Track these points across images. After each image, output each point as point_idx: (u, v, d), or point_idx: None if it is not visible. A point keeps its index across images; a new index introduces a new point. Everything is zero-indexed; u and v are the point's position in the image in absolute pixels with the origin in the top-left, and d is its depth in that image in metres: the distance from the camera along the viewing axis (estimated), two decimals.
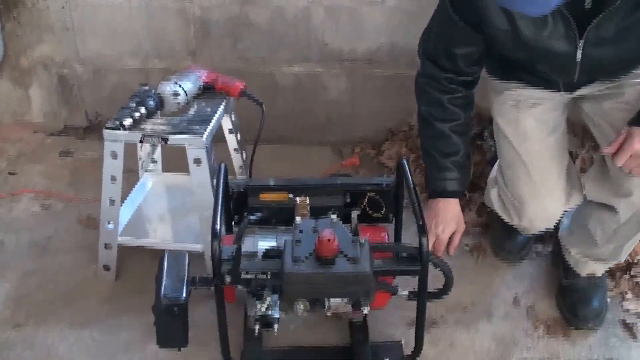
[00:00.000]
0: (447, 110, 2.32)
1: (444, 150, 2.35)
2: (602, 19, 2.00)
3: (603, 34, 2.04)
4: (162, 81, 2.58)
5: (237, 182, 2.46)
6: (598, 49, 2.08)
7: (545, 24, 2.05)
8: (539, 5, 1.81)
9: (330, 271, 1.99)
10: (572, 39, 2.07)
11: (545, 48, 2.11)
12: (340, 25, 3.36)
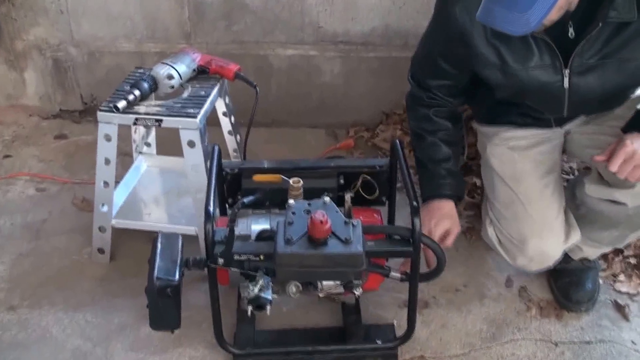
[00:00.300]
0: (434, 122, 2.42)
1: (435, 158, 2.42)
2: (584, 46, 2.06)
3: (587, 61, 2.10)
4: (156, 64, 2.59)
5: (231, 164, 2.47)
6: (584, 77, 2.13)
7: (531, 54, 2.12)
8: (519, 25, 1.84)
9: (323, 252, 1.99)
10: (558, 69, 2.13)
11: (533, 79, 2.16)
12: (335, 7, 3.36)
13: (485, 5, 1.89)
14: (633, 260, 2.68)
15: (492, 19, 1.89)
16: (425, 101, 2.42)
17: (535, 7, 1.80)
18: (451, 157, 2.42)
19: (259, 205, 2.38)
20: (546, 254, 2.38)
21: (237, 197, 2.44)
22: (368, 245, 2.08)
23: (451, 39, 2.22)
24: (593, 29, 2.03)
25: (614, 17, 2.00)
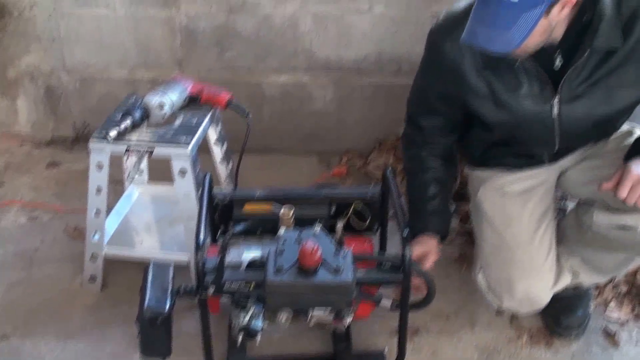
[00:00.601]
0: (425, 162, 2.50)
1: (423, 197, 2.50)
2: (572, 74, 2.14)
3: (575, 89, 2.18)
4: (148, 92, 2.66)
5: (222, 192, 2.53)
6: (573, 105, 2.21)
7: (521, 84, 2.20)
8: (501, 44, 1.95)
9: (313, 281, 2.05)
10: (547, 97, 2.21)
11: (523, 108, 2.24)
12: (328, 33, 3.44)
13: (469, 28, 1.99)
14: (624, 287, 2.74)
15: (475, 40, 1.99)
16: (418, 142, 2.50)
17: (517, 27, 1.90)
18: (437, 196, 2.49)
19: (251, 233, 2.43)
20: (535, 298, 2.45)
21: (228, 225, 2.49)
22: (359, 274, 2.14)
23: (443, 74, 2.30)
24: (580, 57, 2.10)
25: (600, 44, 2.08)
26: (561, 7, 1.95)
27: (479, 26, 1.97)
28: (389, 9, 3.35)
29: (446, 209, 2.53)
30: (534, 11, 1.90)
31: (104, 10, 3.47)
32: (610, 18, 2.05)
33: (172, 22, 3.46)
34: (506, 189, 2.50)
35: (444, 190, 2.53)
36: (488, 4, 1.93)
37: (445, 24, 2.27)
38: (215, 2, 3.39)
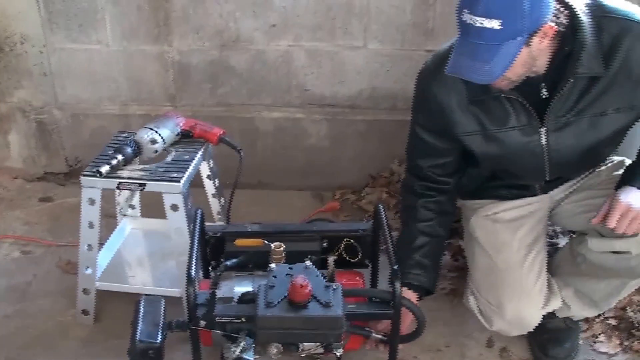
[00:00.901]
0: (419, 211, 2.58)
1: (409, 246, 2.57)
2: (557, 103, 2.27)
3: (562, 118, 2.30)
4: (140, 128, 2.76)
5: (214, 227, 2.62)
6: (560, 134, 2.32)
7: (508, 116, 2.33)
8: (483, 74, 2.09)
9: (303, 315, 2.14)
10: (534, 127, 2.33)
11: (512, 140, 2.36)
12: (322, 70, 3.54)
13: (453, 60, 2.12)
14: (613, 321, 2.82)
15: (459, 70, 2.13)
16: (416, 190, 2.59)
17: (498, 57, 2.04)
18: (424, 248, 2.56)
19: (243, 268, 2.51)
20: (524, 319, 2.53)
21: (220, 260, 2.56)
22: (348, 308, 2.22)
23: (432, 113, 2.42)
24: (563, 86, 2.23)
25: (582, 72, 2.20)
26: (541, 37, 2.08)
27: (461, 58, 2.11)
28: (383, 46, 3.45)
29: (433, 264, 2.59)
30: (514, 42, 2.04)
31: (95, 45, 3.56)
32: (590, 46, 2.18)
33: (165, 57, 3.55)
34: (498, 216, 2.60)
35: (433, 244, 2.59)
36: (469, 36, 2.06)
37: (432, 65, 2.41)
38: (208, 37, 3.48)
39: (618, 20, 2.21)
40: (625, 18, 2.21)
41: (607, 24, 2.20)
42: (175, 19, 3.45)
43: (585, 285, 2.57)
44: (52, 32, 3.54)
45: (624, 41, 2.19)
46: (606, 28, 2.20)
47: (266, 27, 3.45)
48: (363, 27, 3.42)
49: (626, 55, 2.20)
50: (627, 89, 2.25)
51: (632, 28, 2.20)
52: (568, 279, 2.60)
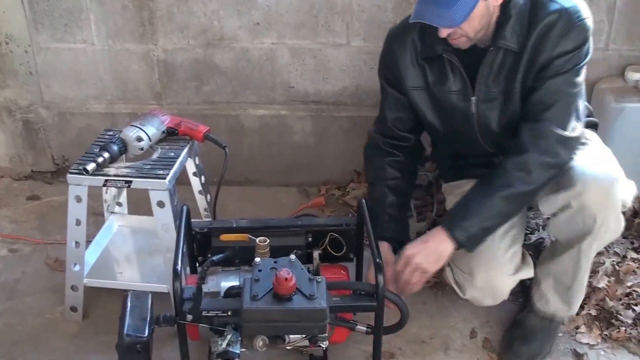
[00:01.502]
0: (385, 171, 2.74)
1: (381, 203, 2.69)
2: (482, 71, 2.46)
3: (490, 91, 2.48)
4: (126, 126, 2.80)
5: (200, 223, 2.65)
6: (487, 105, 2.51)
7: (447, 79, 2.52)
8: (446, 19, 2.27)
9: (287, 307, 2.18)
10: (467, 95, 2.51)
11: (449, 102, 2.53)
12: (306, 67, 3.59)
13: (417, 8, 2.30)
14: (594, 311, 2.87)
15: (422, 16, 2.29)
16: (381, 148, 2.74)
17: (458, 5, 2.23)
18: (395, 204, 2.69)
19: (229, 263, 2.55)
20: (495, 287, 2.60)
21: (207, 255, 2.60)
22: (332, 301, 2.26)
23: (390, 68, 2.63)
24: (487, 54, 2.41)
25: (502, 43, 2.38)
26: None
27: (425, 5, 2.28)
28: (366, 43, 3.50)
29: (403, 217, 2.72)
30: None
31: (81, 45, 3.59)
32: (515, 21, 2.35)
33: (150, 56, 3.58)
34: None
35: (401, 200, 2.72)
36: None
37: (395, 28, 2.67)
38: (192, 36, 3.52)
39: (552, 5, 2.35)
40: (558, 7, 2.35)
41: (540, 4, 2.36)
42: (160, 18, 3.49)
43: (556, 266, 2.62)
44: (38, 31, 3.57)
45: (545, 25, 2.34)
46: (538, 8, 2.36)
47: (250, 26, 3.49)
48: (346, 25, 3.47)
49: (541, 39, 2.35)
50: (532, 71, 2.40)
51: (558, 17, 2.34)
52: (547, 267, 2.67)
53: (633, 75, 3.38)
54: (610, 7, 3.36)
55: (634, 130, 3.31)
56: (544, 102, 2.40)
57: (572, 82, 2.40)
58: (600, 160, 2.53)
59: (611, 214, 2.42)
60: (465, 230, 2.42)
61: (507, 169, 2.42)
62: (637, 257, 3.14)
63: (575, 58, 2.37)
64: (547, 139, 2.39)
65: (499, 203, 2.42)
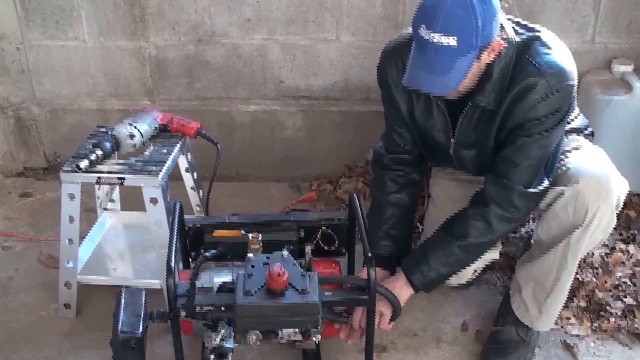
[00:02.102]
0: (387, 184, 2.76)
1: (379, 218, 2.72)
2: (461, 122, 2.48)
3: (467, 138, 2.51)
4: (118, 123, 2.80)
5: (193, 219, 2.67)
6: (463, 150, 2.56)
7: (431, 116, 2.53)
8: (440, 87, 2.26)
9: (280, 302, 2.19)
10: (448, 136, 2.54)
11: (430, 135, 2.57)
12: (296, 62, 3.59)
13: (410, 73, 2.27)
14: (584, 303, 2.89)
15: (417, 84, 2.28)
16: (385, 164, 2.75)
17: (453, 71, 2.19)
18: (394, 218, 2.71)
19: (222, 259, 2.56)
20: None
21: (200, 251, 2.61)
22: (325, 295, 2.28)
23: (384, 86, 2.61)
24: (465, 108, 2.43)
25: (480, 101, 2.38)
26: (489, 52, 2.24)
27: (419, 72, 2.25)
28: (355, 38, 3.51)
29: (402, 235, 2.74)
30: (467, 57, 2.19)
31: (72, 42, 3.59)
32: (496, 79, 2.34)
33: (142, 52, 3.58)
34: (454, 175, 2.80)
35: (401, 214, 2.73)
36: (427, 50, 2.19)
37: (390, 46, 2.61)
38: (184, 33, 3.52)
39: (534, 68, 2.31)
40: (539, 70, 2.31)
41: (523, 65, 2.33)
42: (151, 15, 3.49)
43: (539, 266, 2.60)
44: (29, 29, 3.57)
45: (523, 88, 2.32)
46: (521, 67, 2.33)
47: (241, 22, 3.49)
48: (335, 21, 3.48)
49: (517, 101, 2.34)
50: (505, 129, 2.41)
51: (537, 82, 2.30)
52: (528, 271, 2.66)
53: (619, 67, 3.41)
54: (596, 2, 3.39)
55: (621, 122, 3.35)
56: (512, 160, 2.41)
57: (542, 144, 2.39)
58: (596, 159, 2.55)
59: (606, 207, 2.42)
60: (422, 276, 2.50)
61: (468, 217, 2.48)
62: (625, 249, 3.15)
63: (548, 122, 2.35)
64: (510, 194, 2.43)
65: (456, 251, 2.50)
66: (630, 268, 3.06)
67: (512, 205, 2.43)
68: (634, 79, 3.33)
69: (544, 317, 2.67)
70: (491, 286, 3.07)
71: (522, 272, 2.70)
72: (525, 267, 2.68)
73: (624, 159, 2.85)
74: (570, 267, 2.54)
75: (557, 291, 2.60)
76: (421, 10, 2.21)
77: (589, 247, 2.55)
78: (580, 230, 2.44)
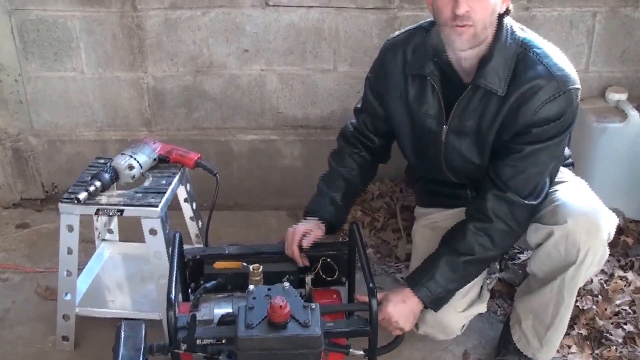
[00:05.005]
0: (344, 159, 2.76)
1: (329, 185, 2.72)
2: (458, 106, 2.42)
3: (463, 125, 2.43)
4: (117, 154, 2.75)
5: (193, 251, 2.60)
6: (456, 138, 2.47)
7: (426, 102, 2.49)
8: None
9: (282, 335, 2.12)
10: (440, 122, 2.47)
11: (421, 124, 2.51)
12: (294, 92, 3.57)
13: None
14: (584, 331, 2.85)
15: None
16: (348, 138, 2.78)
17: None
18: (342, 192, 2.69)
19: (222, 290, 2.50)
20: (443, 322, 2.57)
21: (199, 282, 2.55)
22: (327, 327, 2.22)
23: (379, 75, 2.62)
24: (464, 90, 2.37)
25: (481, 83, 2.32)
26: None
27: None
28: (352, 68, 3.49)
29: (344, 207, 2.73)
30: None
31: (71, 73, 3.56)
32: (498, 63, 2.30)
33: (140, 83, 3.55)
34: (436, 224, 2.73)
35: (349, 190, 2.73)
36: None
37: (394, 38, 2.62)
38: (182, 63, 3.50)
39: (544, 68, 2.29)
40: (549, 71, 2.28)
41: (531, 62, 2.31)
42: (149, 46, 3.47)
43: (537, 301, 2.55)
44: (28, 60, 3.54)
45: (532, 87, 2.28)
46: (527, 64, 2.31)
47: (239, 53, 3.47)
48: (332, 51, 3.46)
49: (525, 100, 2.29)
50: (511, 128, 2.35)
51: (547, 82, 2.27)
52: (527, 304, 2.61)
53: (614, 96, 3.41)
54: (589, 31, 3.40)
55: (616, 150, 3.32)
56: (517, 168, 2.36)
57: (550, 151, 2.36)
58: (582, 194, 2.50)
59: (597, 244, 2.37)
60: (430, 292, 2.43)
61: (471, 234, 2.41)
62: (624, 276, 3.12)
63: (556, 128, 2.32)
64: (512, 208, 2.38)
65: (461, 267, 2.43)
66: (630, 295, 3.02)
67: (515, 219, 2.39)
68: (628, 107, 3.31)
69: (546, 349, 2.62)
70: (491, 314, 3.00)
71: (521, 304, 2.65)
72: (524, 299, 2.63)
73: (619, 186, 2.82)
74: (567, 302, 2.50)
75: (556, 325, 2.55)
76: None
77: (584, 280, 2.50)
78: (574, 268, 2.40)
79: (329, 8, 3.39)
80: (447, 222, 2.61)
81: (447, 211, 2.72)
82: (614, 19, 3.38)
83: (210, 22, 3.42)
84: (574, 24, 3.37)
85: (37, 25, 3.45)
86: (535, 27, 3.32)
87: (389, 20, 3.39)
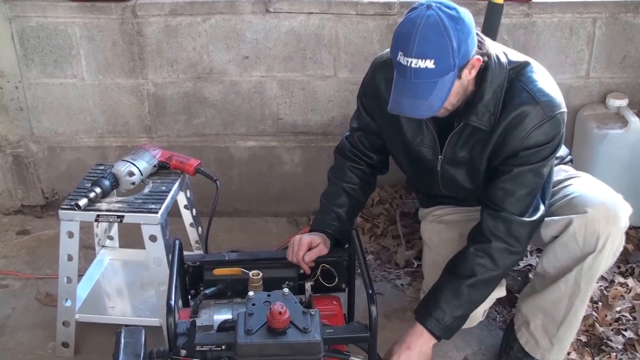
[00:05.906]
0: (345, 173, 2.76)
1: (332, 201, 2.72)
2: (451, 139, 2.44)
3: (457, 156, 2.47)
4: (117, 161, 2.76)
5: (192, 257, 2.61)
6: (451, 167, 2.51)
7: (420, 133, 2.49)
8: (425, 109, 2.23)
9: (282, 341, 2.12)
10: (435, 153, 2.50)
11: (417, 152, 2.53)
12: (294, 99, 3.58)
13: (393, 99, 2.26)
14: (584, 337, 2.85)
15: (401, 109, 2.27)
16: (346, 153, 2.78)
17: (435, 93, 2.17)
18: (346, 206, 2.70)
19: (221, 296, 2.51)
20: None
21: (199, 288, 2.56)
22: (326, 333, 2.22)
23: (370, 95, 2.61)
24: (456, 127, 2.40)
25: (472, 121, 2.35)
26: (470, 69, 2.23)
27: (402, 98, 2.24)
28: (353, 74, 3.50)
29: (349, 222, 2.72)
30: (447, 77, 2.17)
31: (71, 80, 3.56)
32: (489, 100, 2.32)
33: (140, 90, 3.56)
34: (444, 218, 2.80)
35: (352, 204, 2.73)
36: (406, 76, 2.19)
37: (382, 58, 2.58)
38: (182, 70, 3.51)
39: (528, 95, 2.31)
40: (534, 98, 2.31)
41: (517, 91, 2.33)
42: (149, 53, 3.47)
43: (548, 297, 2.56)
44: (28, 67, 3.54)
45: (519, 115, 2.31)
46: (514, 93, 2.33)
47: (239, 59, 3.48)
48: (332, 57, 3.47)
49: (512, 127, 2.32)
50: (499, 155, 2.39)
51: (533, 111, 2.30)
52: (535, 303, 2.62)
53: (614, 102, 3.41)
54: (590, 37, 3.40)
55: (616, 156, 3.33)
56: (507, 189, 2.38)
57: (538, 172, 2.38)
58: (596, 185, 2.54)
59: (616, 231, 2.41)
60: (439, 322, 2.43)
61: (472, 256, 2.43)
62: (624, 282, 3.12)
63: (544, 151, 2.34)
64: (509, 226, 2.40)
65: (465, 292, 2.43)
66: (630, 302, 3.02)
67: (513, 237, 2.40)
68: (628, 113, 3.32)
69: (556, 348, 2.63)
70: (491, 321, 3.00)
71: (527, 305, 2.65)
72: (531, 300, 2.64)
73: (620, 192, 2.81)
74: (583, 294, 2.50)
75: (569, 320, 2.56)
76: (397, 38, 2.21)
77: (602, 271, 2.52)
78: (593, 257, 2.42)
79: (329, 14, 3.39)
80: (456, 217, 2.73)
81: (452, 207, 2.79)
82: (614, 25, 3.39)
83: (210, 28, 3.43)
84: (575, 30, 3.38)
85: (38, 32, 3.46)
86: (536, 34, 3.35)
87: (389, 26, 3.39)
